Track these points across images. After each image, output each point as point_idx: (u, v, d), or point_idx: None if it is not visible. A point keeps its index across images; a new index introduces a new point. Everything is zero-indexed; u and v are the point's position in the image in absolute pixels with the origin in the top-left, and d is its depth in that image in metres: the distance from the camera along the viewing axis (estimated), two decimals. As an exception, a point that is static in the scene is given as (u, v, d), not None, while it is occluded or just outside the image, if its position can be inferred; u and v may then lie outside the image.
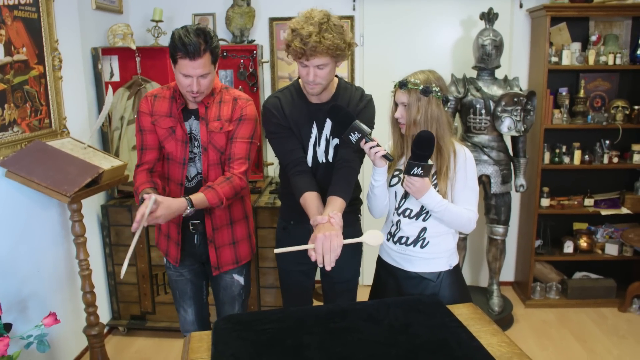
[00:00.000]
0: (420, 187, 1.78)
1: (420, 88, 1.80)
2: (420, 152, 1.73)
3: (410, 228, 1.93)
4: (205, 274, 2.27)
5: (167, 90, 2.07)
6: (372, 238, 1.76)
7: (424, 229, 1.91)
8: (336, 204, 1.83)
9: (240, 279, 2.22)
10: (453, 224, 1.89)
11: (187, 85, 1.90)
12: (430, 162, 1.77)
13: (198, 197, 1.90)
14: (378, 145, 1.82)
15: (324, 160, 2.06)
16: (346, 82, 2.10)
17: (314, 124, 2.04)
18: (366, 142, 1.82)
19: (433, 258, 1.93)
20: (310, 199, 1.89)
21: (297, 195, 1.95)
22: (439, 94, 1.82)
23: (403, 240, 1.95)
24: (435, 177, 1.87)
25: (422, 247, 1.92)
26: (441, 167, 1.86)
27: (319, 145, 2.05)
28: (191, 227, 2.12)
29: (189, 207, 1.87)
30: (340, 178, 1.93)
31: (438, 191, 1.85)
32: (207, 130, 2.02)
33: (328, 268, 1.66)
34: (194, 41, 1.80)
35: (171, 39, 1.85)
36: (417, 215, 1.91)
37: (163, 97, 2.06)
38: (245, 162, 2.02)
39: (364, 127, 1.81)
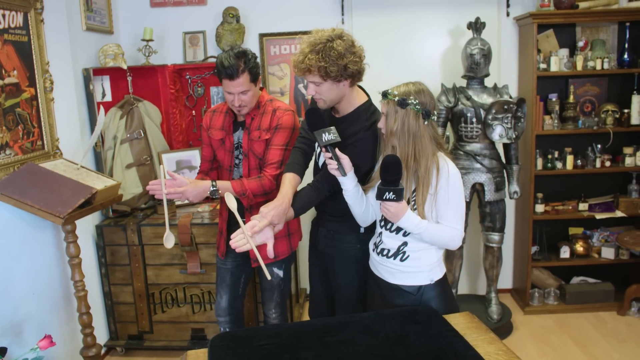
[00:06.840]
0: (396, 212, 1.77)
1: (397, 99, 1.81)
2: (388, 177, 1.73)
3: (391, 241, 1.92)
4: (247, 268, 2.54)
5: (225, 105, 2.42)
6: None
7: (405, 243, 1.90)
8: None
9: (279, 272, 2.48)
10: (435, 243, 1.87)
11: (230, 101, 2.22)
12: (402, 185, 1.75)
13: (223, 182, 2.21)
14: (337, 158, 1.83)
15: (312, 165, 2.19)
16: (366, 110, 2.04)
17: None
18: (327, 151, 1.85)
19: (412, 272, 1.91)
20: (286, 180, 1.99)
21: (284, 168, 2.10)
22: (417, 107, 1.80)
23: (385, 252, 1.94)
24: (414, 192, 1.85)
25: (401, 260, 1.91)
26: (420, 182, 1.82)
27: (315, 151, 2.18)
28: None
29: (212, 187, 2.16)
30: (304, 191, 2.03)
31: (416, 208, 1.83)
32: (248, 139, 2.30)
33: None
34: (232, 63, 2.10)
35: (216, 62, 2.15)
36: (398, 230, 1.90)
37: (220, 112, 2.43)
38: (277, 168, 2.24)
39: (327, 137, 1.82)
